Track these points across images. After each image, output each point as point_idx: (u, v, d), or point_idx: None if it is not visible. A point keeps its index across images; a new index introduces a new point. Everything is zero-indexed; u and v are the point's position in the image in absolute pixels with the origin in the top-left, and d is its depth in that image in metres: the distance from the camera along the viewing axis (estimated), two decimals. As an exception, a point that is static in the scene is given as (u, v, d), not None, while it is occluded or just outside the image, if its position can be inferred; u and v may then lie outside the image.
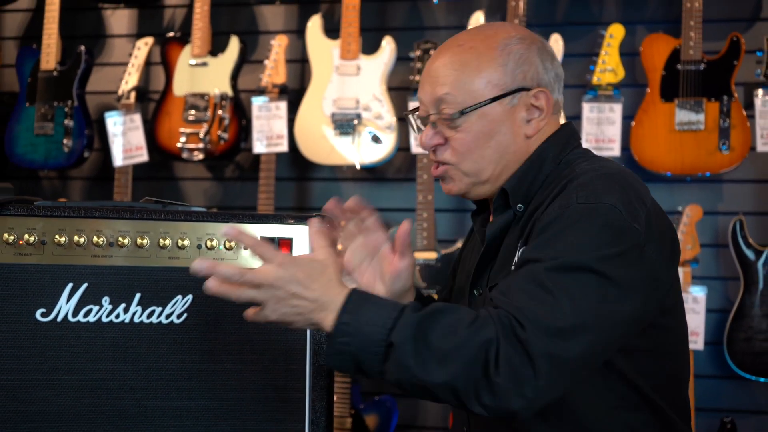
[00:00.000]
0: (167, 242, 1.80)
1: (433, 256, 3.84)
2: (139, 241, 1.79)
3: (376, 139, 3.95)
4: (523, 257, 1.68)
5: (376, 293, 1.77)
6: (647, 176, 3.81)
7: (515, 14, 3.82)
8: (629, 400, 1.74)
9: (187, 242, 1.81)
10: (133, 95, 4.24)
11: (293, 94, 4.22)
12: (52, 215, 1.77)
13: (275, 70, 4.11)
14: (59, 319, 1.76)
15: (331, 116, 3.98)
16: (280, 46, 4.12)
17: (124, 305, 1.79)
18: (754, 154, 3.74)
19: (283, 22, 4.43)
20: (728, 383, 3.84)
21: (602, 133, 3.78)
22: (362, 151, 3.96)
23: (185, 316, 1.81)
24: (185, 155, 4.14)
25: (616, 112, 3.80)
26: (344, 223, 1.88)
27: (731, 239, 3.70)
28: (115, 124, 4.24)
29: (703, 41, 3.73)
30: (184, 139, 4.13)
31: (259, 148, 4.08)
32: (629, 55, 3.95)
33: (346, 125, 3.96)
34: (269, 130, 4.07)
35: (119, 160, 4.22)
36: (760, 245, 3.68)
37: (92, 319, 1.77)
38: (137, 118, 4.22)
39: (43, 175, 4.54)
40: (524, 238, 1.75)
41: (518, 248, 1.76)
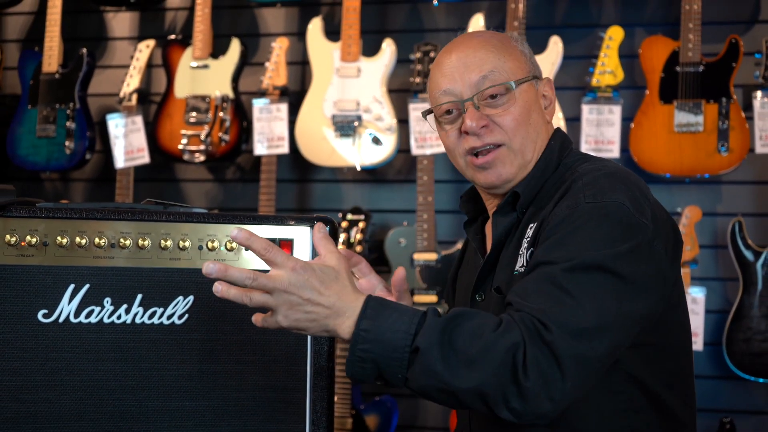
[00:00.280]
0: (168, 243, 1.81)
1: (433, 257, 3.85)
2: (140, 242, 1.80)
3: (376, 140, 3.96)
4: (535, 259, 1.67)
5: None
6: (646, 178, 3.80)
7: (515, 16, 3.83)
8: (635, 402, 1.74)
9: (188, 243, 1.82)
10: (134, 97, 4.25)
11: (294, 96, 4.23)
12: (53, 217, 1.78)
13: (276, 72, 4.12)
14: (61, 320, 1.77)
15: (331, 118, 3.99)
16: (280, 48, 4.13)
17: (125, 306, 1.80)
18: (752, 155, 3.75)
19: (283, 24, 4.44)
20: (727, 384, 3.84)
21: (601, 134, 3.79)
22: (363, 152, 3.97)
23: (186, 317, 1.82)
24: (186, 157, 4.15)
25: (615, 113, 3.81)
26: None
27: (730, 240, 3.71)
28: (116, 126, 4.25)
29: (701, 43, 3.74)
30: (185, 140, 4.14)
31: (260, 149, 4.09)
32: (628, 57, 3.96)
33: (346, 127, 3.97)
34: (270, 131, 4.08)
35: (121, 161, 4.23)
36: (758, 246, 3.69)
37: (94, 320, 1.78)
38: (139, 120, 4.23)
39: (45, 176, 4.56)
40: (530, 239, 1.76)
41: (524, 250, 1.77)
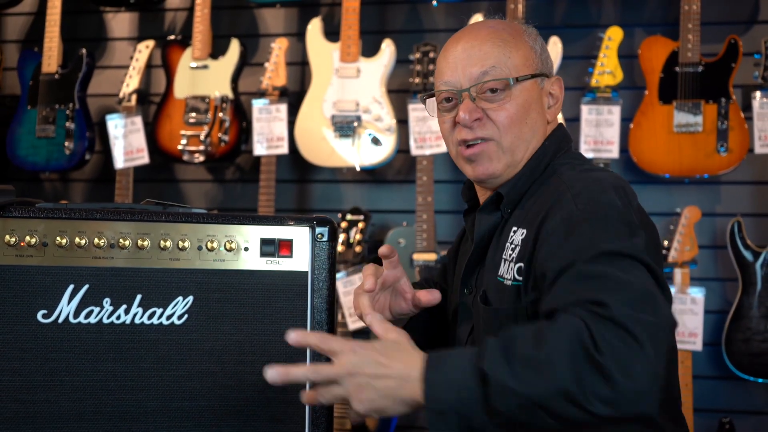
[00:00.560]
0: (168, 244, 1.82)
1: (432, 257, 3.85)
2: (139, 242, 1.80)
3: (376, 141, 3.96)
4: (544, 269, 1.62)
5: (384, 317, 1.78)
6: (646, 178, 3.82)
7: (514, 16, 3.83)
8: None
9: (187, 243, 1.82)
10: (134, 98, 4.25)
11: (293, 96, 4.24)
12: (53, 217, 1.78)
13: (275, 72, 4.12)
14: (60, 320, 1.77)
15: (331, 118, 3.99)
16: (280, 48, 4.14)
17: (125, 306, 1.80)
18: (752, 155, 3.75)
19: (283, 25, 4.44)
20: (726, 384, 3.85)
21: (601, 135, 3.80)
22: (362, 153, 3.97)
23: (186, 317, 1.82)
24: (186, 157, 4.15)
25: (614, 114, 3.81)
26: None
27: (729, 240, 3.71)
28: (116, 126, 4.25)
29: (701, 44, 3.75)
30: (184, 141, 4.14)
31: (259, 150, 4.09)
32: (628, 57, 3.96)
33: (346, 127, 3.97)
34: (269, 132, 4.08)
35: (120, 162, 4.23)
36: (758, 246, 3.69)
37: (93, 320, 1.78)
38: (138, 120, 4.23)
39: (44, 177, 4.56)
40: (517, 250, 1.74)
41: (508, 256, 1.76)
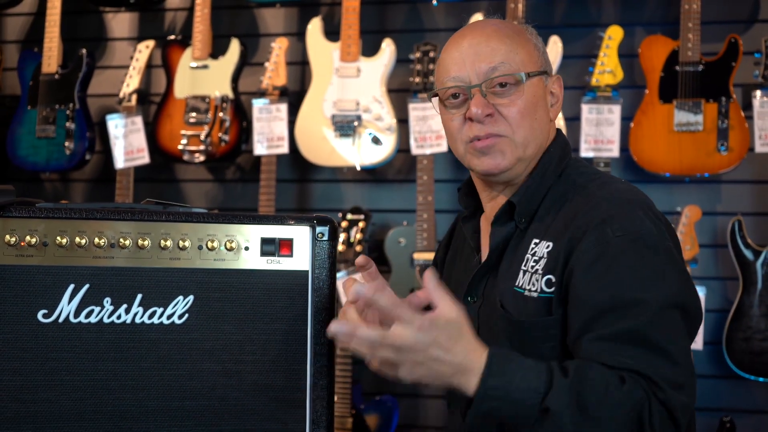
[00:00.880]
0: (168, 243, 1.81)
1: (433, 256, 3.84)
2: (140, 242, 1.80)
3: (376, 140, 3.96)
4: (584, 298, 1.67)
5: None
6: (646, 177, 3.82)
7: (514, 16, 3.83)
8: None
9: (188, 243, 1.82)
10: (134, 98, 4.25)
11: (294, 96, 4.24)
12: (53, 217, 1.78)
13: (276, 72, 4.12)
14: (61, 320, 1.77)
15: (331, 118, 3.99)
16: (280, 48, 4.14)
17: (125, 306, 1.79)
18: (752, 154, 3.75)
19: (283, 24, 4.44)
20: (727, 383, 3.85)
21: (601, 134, 3.79)
22: (362, 152, 3.97)
23: (186, 316, 1.81)
24: (186, 157, 4.15)
25: (614, 113, 3.81)
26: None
27: (730, 239, 3.71)
28: (116, 126, 4.25)
29: (701, 43, 3.75)
30: (185, 141, 4.14)
31: (259, 149, 4.09)
32: (628, 56, 3.96)
33: (346, 127, 3.97)
34: (270, 131, 4.08)
35: (121, 162, 4.23)
36: (758, 245, 3.69)
37: (94, 320, 1.78)
38: (138, 120, 4.23)
39: (44, 177, 4.56)
40: (543, 262, 1.75)
41: (531, 268, 1.76)
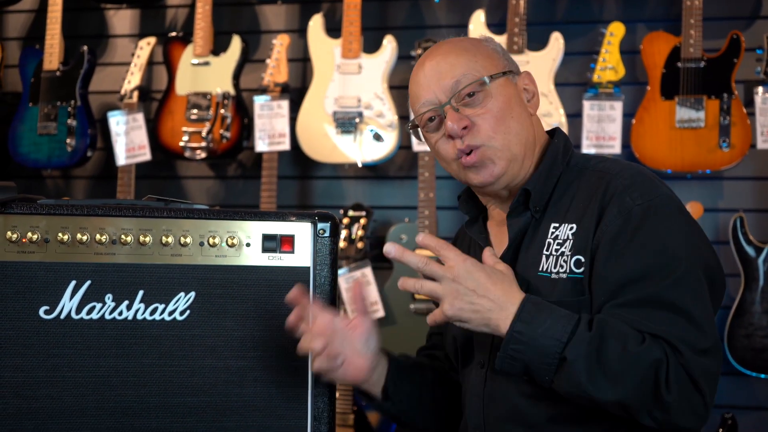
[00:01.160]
0: (170, 240, 1.81)
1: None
2: (141, 238, 1.80)
3: (377, 137, 3.96)
4: (618, 273, 1.68)
5: (355, 370, 1.82)
6: (648, 174, 3.82)
7: (516, 12, 3.82)
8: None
9: (189, 240, 1.82)
10: (135, 95, 4.25)
11: (295, 92, 4.24)
12: (54, 213, 1.78)
13: (277, 69, 4.12)
14: (63, 316, 1.77)
15: (332, 115, 3.99)
16: (281, 45, 4.13)
17: (127, 302, 1.80)
18: (754, 151, 3.75)
19: (284, 21, 4.44)
20: (729, 379, 3.84)
21: (603, 130, 3.79)
22: (364, 149, 3.97)
23: (188, 313, 1.82)
24: (188, 154, 4.15)
25: (616, 109, 3.81)
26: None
27: (732, 236, 3.71)
28: (117, 123, 4.25)
29: (703, 39, 3.74)
30: (186, 137, 4.14)
31: (261, 146, 4.09)
32: (630, 53, 3.96)
33: (347, 123, 3.97)
34: (271, 128, 4.08)
35: (122, 159, 4.23)
36: (760, 242, 3.69)
37: (95, 316, 1.78)
38: (140, 117, 4.23)
39: (46, 174, 4.56)
40: (569, 243, 1.76)
41: (555, 252, 1.78)
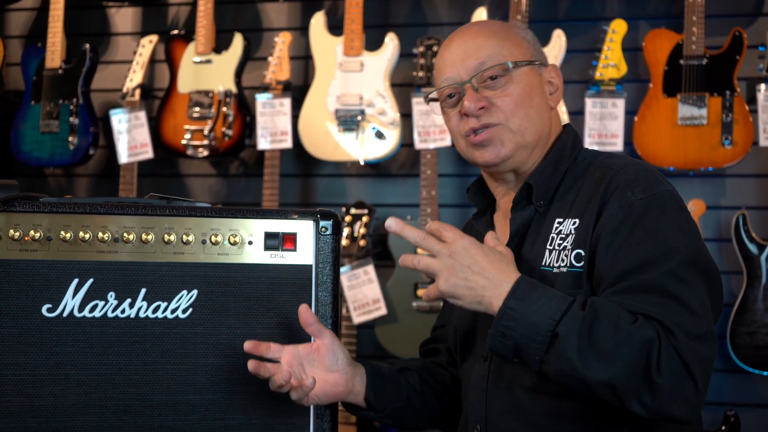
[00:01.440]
0: (172, 238, 1.82)
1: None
2: (144, 236, 1.80)
3: (379, 135, 3.96)
4: (615, 266, 1.68)
5: (333, 386, 1.83)
6: (650, 171, 3.82)
7: (518, 10, 3.82)
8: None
9: (191, 237, 1.82)
10: (137, 93, 4.25)
11: (297, 90, 4.24)
12: (57, 211, 1.79)
13: (279, 66, 4.12)
14: (65, 314, 1.78)
15: (334, 112, 3.99)
16: (283, 43, 4.13)
17: (129, 300, 1.80)
18: (756, 148, 3.74)
19: (286, 19, 4.44)
20: (731, 377, 3.84)
21: (605, 128, 3.79)
22: (366, 147, 3.97)
23: (190, 311, 1.82)
24: (190, 152, 4.15)
25: (618, 107, 3.80)
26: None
27: (734, 233, 3.71)
28: (120, 121, 4.25)
29: (705, 36, 3.74)
30: (188, 136, 4.14)
31: (263, 144, 4.09)
32: (632, 50, 3.95)
33: (349, 121, 3.97)
34: (273, 126, 4.08)
35: (124, 157, 4.23)
36: (762, 239, 3.68)
37: (98, 314, 1.79)
38: (142, 115, 4.24)
39: (48, 172, 4.56)
40: (571, 237, 1.76)
41: (557, 246, 1.78)
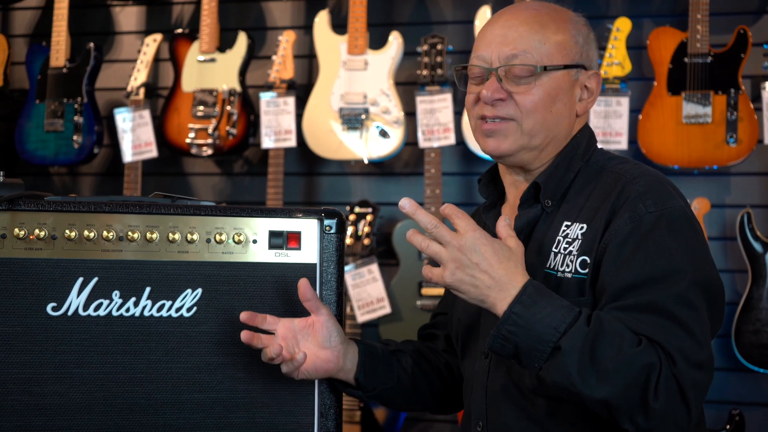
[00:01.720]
0: (176, 236, 1.82)
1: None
2: (148, 235, 1.81)
3: (383, 133, 3.96)
4: (620, 279, 1.67)
5: (324, 362, 1.82)
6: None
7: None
8: None
9: (196, 236, 1.82)
10: (142, 91, 4.26)
11: (301, 89, 4.24)
12: (62, 210, 1.79)
13: (283, 65, 4.12)
14: (70, 313, 1.78)
15: (338, 111, 3.99)
16: (287, 41, 4.13)
17: (134, 299, 1.80)
18: (761, 146, 3.74)
19: (290, 17, 4.44)
20: (736, 375, 3.84)
21: (609, 126, 3.79)
22: (370, 145, 3.97)
23: (195, 309, 1.82)
24: (194, 151, 4.15)
25: (623, 105, 3.80)
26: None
27: (739, 232, 3.70)
28: (124, 120, 4.26)
29: (710, 34, 3.73)
30: (192, 134, 4.14)
31: (267, 143, 4.09)
32: (636, 48, 3.95)
33: (353, 120, 3.97)
34: (277, 125, 4.08)
35: (129, 155, 4.24)
36: (767, 238, 3.68)
37: (102, 312, 1.79)
38: (146, 114, 4.24)
39: (53, 171, 4.56)
40: (578, 243, 1.75)
41: (564, 250, 1.77)
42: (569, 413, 1.74)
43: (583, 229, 1.76)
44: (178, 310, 1.82)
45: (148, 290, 1.81)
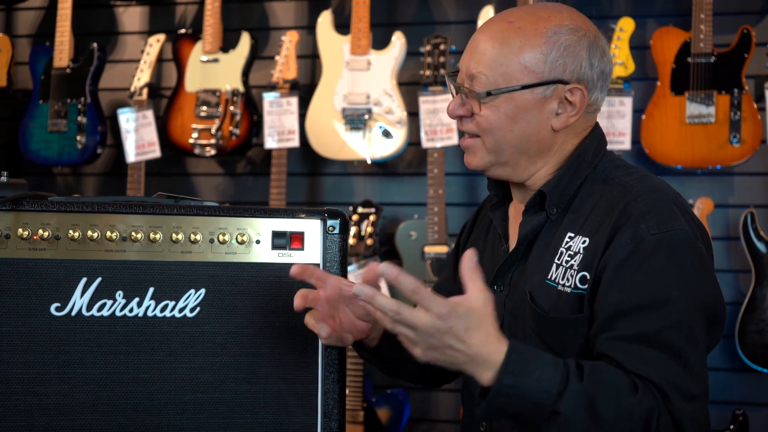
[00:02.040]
0: (180, 237, 1.82)
1: (444, 250, 3.85)
2: (152, 235, 1.81)
3: (386, 133, 3.96)
4: (616, 302, 1.67)
5: (359, 332, 1.82)
6: (658, 169, 3.81)
7: (525, 8, 3.81)
8: None
9: (199, 237, 1.82)
10: (145, 92, 4.26)
11: (304, 89, 4.24)
12: (65, 210, 1.79)
13: (286, 65, 4.12)
14: (73, 313, 1.78)
15: (341, 111, 3.99)
16: (290, 41, 4.14)
17: (137, 299, 1.80)
18: (765, 146, 3.74)
19: (293, 17, 4.44)
20: (739, 376, 3.84)
21: (613, 126, 3.78)
22: (373, 145, 3.97)
23: (198, 310, 1.82)
24: (197, 151, 4.16)
25: (626, 105, 3.80)
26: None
27: (742, 232, 3.70)
28: (127, 120, 4.26)
29: (713, 34, 3.73)
30: (196, 135, 4.15)
31: (270, 143, 4.09)
32: (639, 48, 3.94)
33: (356, 120, 3.97)
34: (280, 125, 4.08)
35: (132, 156, 4.24)
36: (771, 238, 3.68)
37: (106, 313, 1.79)
38: (149, 114, 4.24)
39: (56, 171, 4.57)
40: (579, 257, 1.74)
41: (565, 262, 1.76)
42: None
43: (585, 243, 1.74)
44: (181, 310, 1.81)
45: (151, 290, 1.81)
